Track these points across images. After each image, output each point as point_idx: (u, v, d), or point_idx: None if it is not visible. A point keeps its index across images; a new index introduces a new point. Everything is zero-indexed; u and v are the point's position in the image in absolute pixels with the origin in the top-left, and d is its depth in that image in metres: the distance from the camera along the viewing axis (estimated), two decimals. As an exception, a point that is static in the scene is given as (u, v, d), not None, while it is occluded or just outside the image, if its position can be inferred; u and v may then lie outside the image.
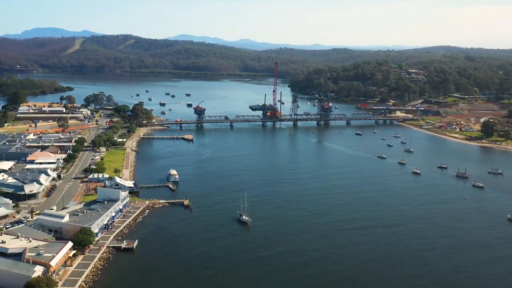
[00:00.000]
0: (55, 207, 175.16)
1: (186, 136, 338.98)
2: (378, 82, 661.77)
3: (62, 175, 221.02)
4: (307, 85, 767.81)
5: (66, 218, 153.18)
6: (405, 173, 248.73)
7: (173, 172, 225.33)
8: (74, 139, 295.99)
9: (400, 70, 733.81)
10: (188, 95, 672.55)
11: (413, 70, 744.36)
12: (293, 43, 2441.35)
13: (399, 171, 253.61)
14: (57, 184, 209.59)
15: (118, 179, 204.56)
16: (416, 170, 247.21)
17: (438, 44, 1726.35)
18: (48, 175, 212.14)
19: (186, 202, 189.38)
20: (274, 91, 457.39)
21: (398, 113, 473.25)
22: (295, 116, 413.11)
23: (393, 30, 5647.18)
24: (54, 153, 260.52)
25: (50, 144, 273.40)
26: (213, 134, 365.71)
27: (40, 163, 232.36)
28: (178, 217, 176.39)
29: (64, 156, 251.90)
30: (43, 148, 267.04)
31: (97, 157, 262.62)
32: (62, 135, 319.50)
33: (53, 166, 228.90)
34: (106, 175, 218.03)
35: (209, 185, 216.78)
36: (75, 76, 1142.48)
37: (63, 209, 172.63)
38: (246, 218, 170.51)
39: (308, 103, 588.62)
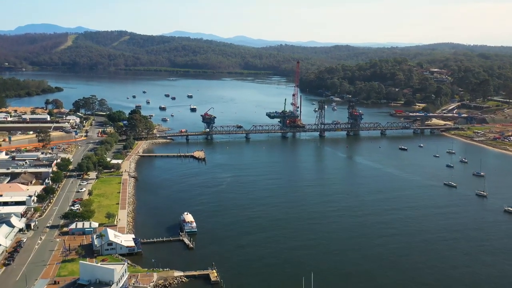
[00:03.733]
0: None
1: (196, 154, 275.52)
2: (400, 83, 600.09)
3: (33, 223, 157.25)
4: (319, 85, 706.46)
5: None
6: (493, 212, 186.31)
7: (188, 217, 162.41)
8: (56, 160, 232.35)
9: (422, 69, 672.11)
10: (190, 96, 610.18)
11: (435, 69, 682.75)
12: (288, 39, 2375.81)
13: (483, 209, 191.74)
14: (24, 239, 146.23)
15: (111, 234, 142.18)
16: (509, 209, 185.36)
17: (433, 41, 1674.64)
18: (11, 226, 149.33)
19: (213, 275, 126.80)
20: (294, 95, 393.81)
21: (435, 120, 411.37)
22: (323, 125, 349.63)
23: (387, 27, 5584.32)
24: (27, 184, 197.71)
25: (23, 171, 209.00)
26: (227, 149, 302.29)
27: (5, 204, 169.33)
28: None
29: (39, 189, 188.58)
30: (13, 176, 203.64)
31: (84, 189, 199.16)
32: (42, 153, 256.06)
33: (22, 208, 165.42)
34: (95, 224, 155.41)
35: (240, 239, 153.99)
36: (67, 74, 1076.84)
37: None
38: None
39: (326, 106, 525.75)
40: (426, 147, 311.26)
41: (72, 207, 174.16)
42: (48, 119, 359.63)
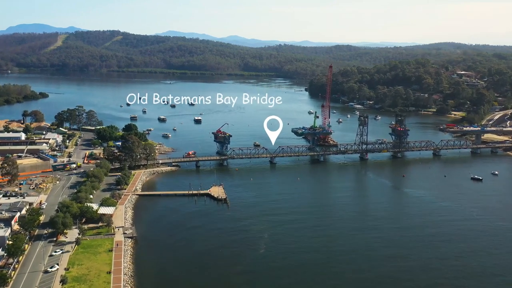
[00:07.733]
0: None
1: (213, 191, 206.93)
2: (427, 87, 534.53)
3: None
4: (333, 89, 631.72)
5: None
6: None
7: None
8: (19, 212, 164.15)
9: (449, 72, 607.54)
10: (192, 104, 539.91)
11: (462, 72, 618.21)
12: (282, 39, 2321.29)
13: None
14: None
15: None
16: None
17: (432, 41, 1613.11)
18: None
19: None
20: (323, 106, 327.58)
21: (487, 135, 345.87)
22: (365, 146, 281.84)
23: (383, 26, 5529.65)
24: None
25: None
26: (251, 181, 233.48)
27: None
28: None
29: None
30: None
31: (57, 266, 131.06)
32: (6, 194, 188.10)
33: None
34: None
35: None
36: (55, 76, 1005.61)
37: None
38: None
39: (349, 115, 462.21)
40: (502, 175, 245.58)
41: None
42: (23, 138, 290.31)
